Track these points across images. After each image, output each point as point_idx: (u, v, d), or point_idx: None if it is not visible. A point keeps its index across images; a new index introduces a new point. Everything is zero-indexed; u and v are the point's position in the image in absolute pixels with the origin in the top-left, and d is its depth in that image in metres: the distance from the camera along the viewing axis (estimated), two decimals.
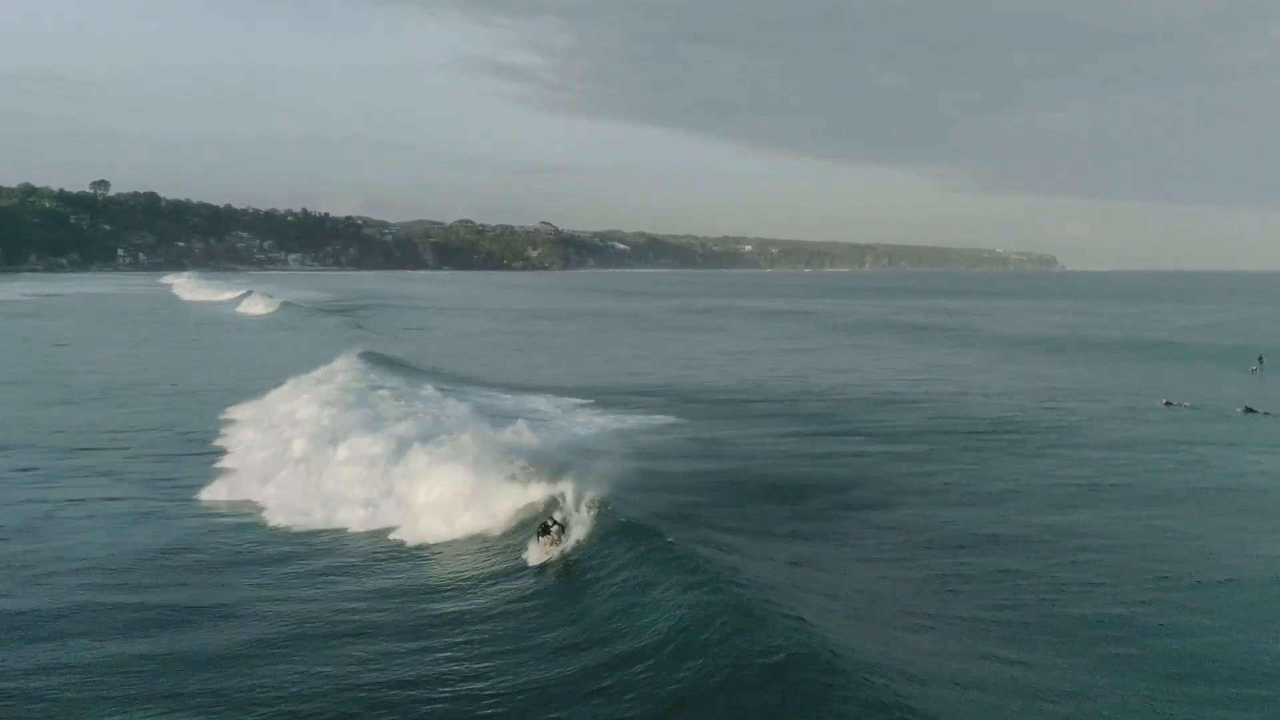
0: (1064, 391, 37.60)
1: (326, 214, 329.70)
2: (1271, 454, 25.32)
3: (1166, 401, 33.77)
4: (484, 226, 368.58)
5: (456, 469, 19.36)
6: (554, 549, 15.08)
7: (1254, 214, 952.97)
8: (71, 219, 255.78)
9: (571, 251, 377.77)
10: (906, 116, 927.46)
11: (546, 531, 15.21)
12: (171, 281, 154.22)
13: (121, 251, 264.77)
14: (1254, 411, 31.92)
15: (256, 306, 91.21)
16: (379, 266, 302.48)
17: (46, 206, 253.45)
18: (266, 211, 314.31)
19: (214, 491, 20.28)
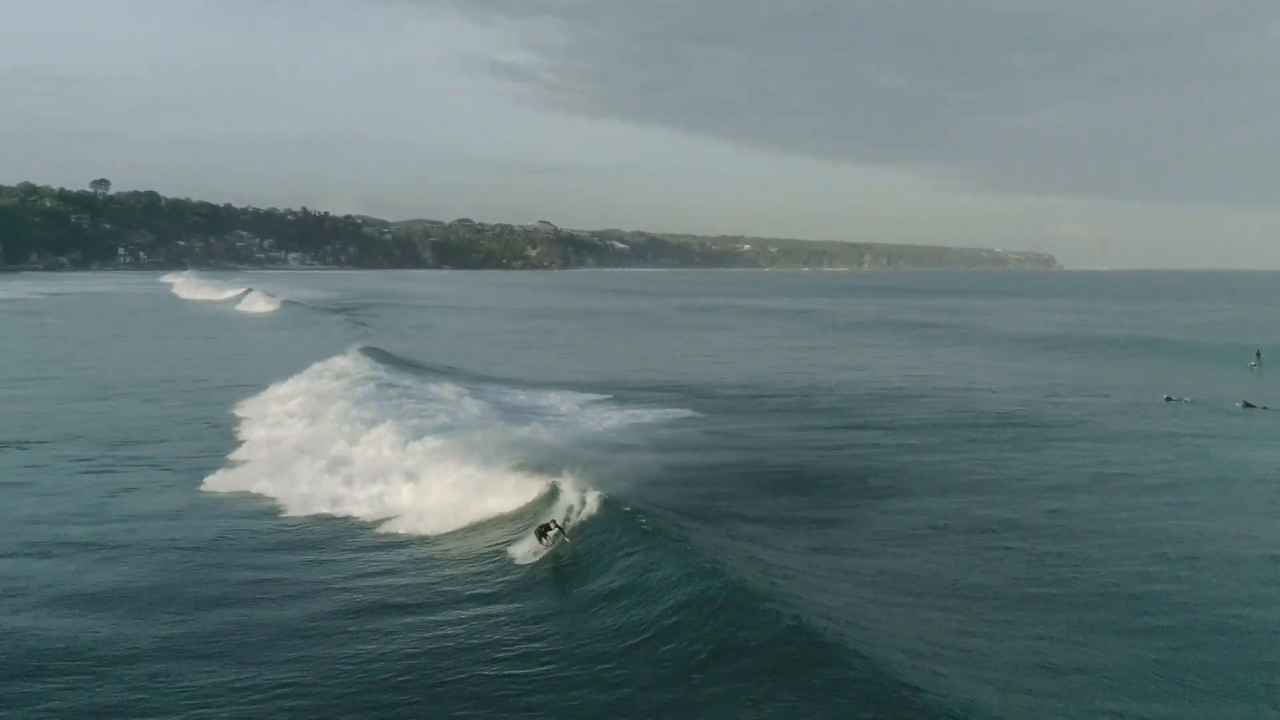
0: (1067, 387, 38.44)
1: (326, 213, 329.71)
2: (1270, 446, 26.19)
3: (1167, 397, 34.58)
4: (483, 226, 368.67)
5: (468, 462, 19.91)
6: (546, 549, 15.27)
7: (1253, 214, 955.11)
8: (72, 218, 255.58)
9: (571, 251, 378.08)
10: (906, 116, 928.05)
11: (546, 532, 15.46)
12: (171, 281, 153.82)
13: (122, 250, 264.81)
14: (1252, 406, 32.75)
15: (259, 305, 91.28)
16: (378, 266, 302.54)
17: (47, 206, 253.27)
18: (266, 211, 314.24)
19: (234, 482, 21.02)
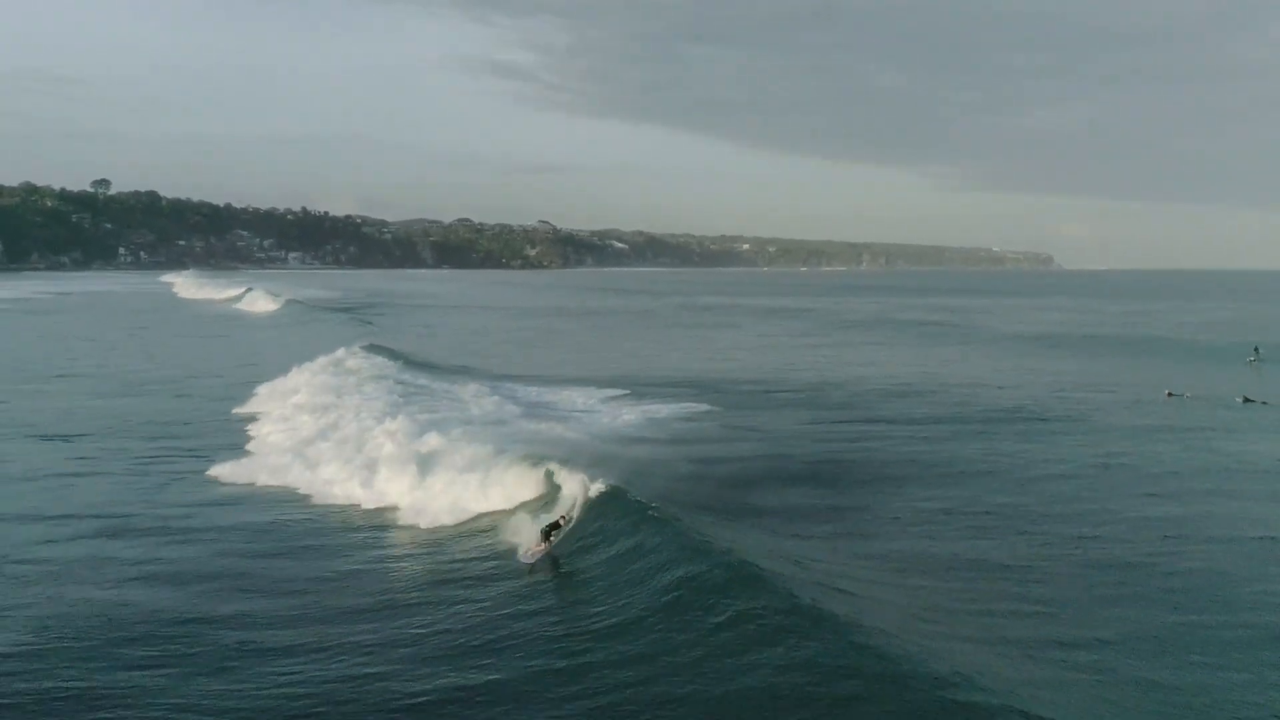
0: (1071, 383, 39.25)
1: (326, 213, 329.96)
2: (1270, 439, 27.03)
3: (1169, 392, 35.38)
4: (483, 225, 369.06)
5: (486, 456, 20.26)
6: (548, 546, 15.37)
7: (1253, 214, 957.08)
8: (73, 218, 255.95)
9: (570, 250, 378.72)
10: (906, 116, 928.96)
11: (557, 528, 15.57)
12: (172, 281, 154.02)
13: (123, 250, 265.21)
14: (1252, 401, 33.57)
15: (263, 305, 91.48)
16: (378, 265, 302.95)
17: (48, 205, 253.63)
18: (266, 210, 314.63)
19: (263, 473, 21.59)
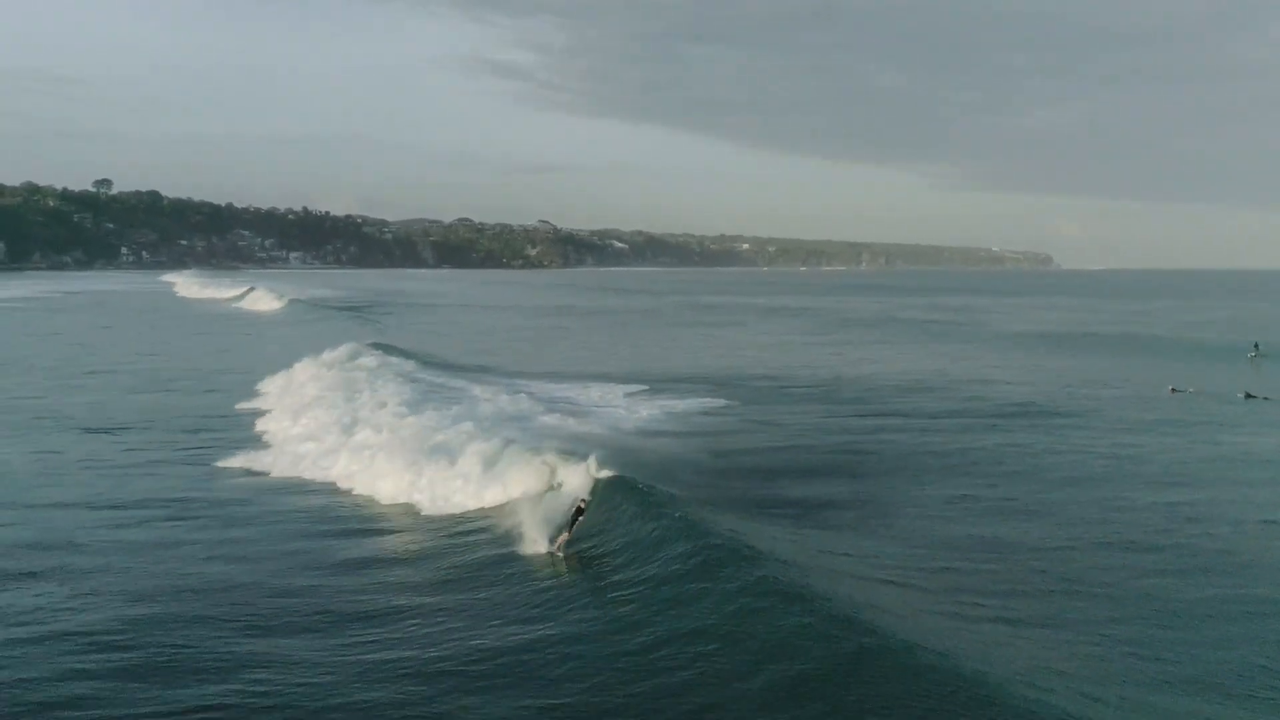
0: (1076, 380, 40.08)
1: (327, 213, 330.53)
2: (1274, 432, 27.92)
3: (1172, 388, 36.27)
4: (483, 225, 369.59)
5: (509, 448, 20.51)
6: (572, 531, 15.63)
7: (1252, 214, 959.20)
8: (75, 217, 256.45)
9: (570, 250, 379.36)
10: (906, 116, 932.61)
11: (579, 516, 15.83)
12: (173, 280, 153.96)
13: (125, 250, 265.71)
14: (1254, 397, 34.44)
15: (269, 304, 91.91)
16: (379, 265, 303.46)
17: (50, 205, 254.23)
18: (267, 210, 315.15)
19: (296, 466, 22.24)
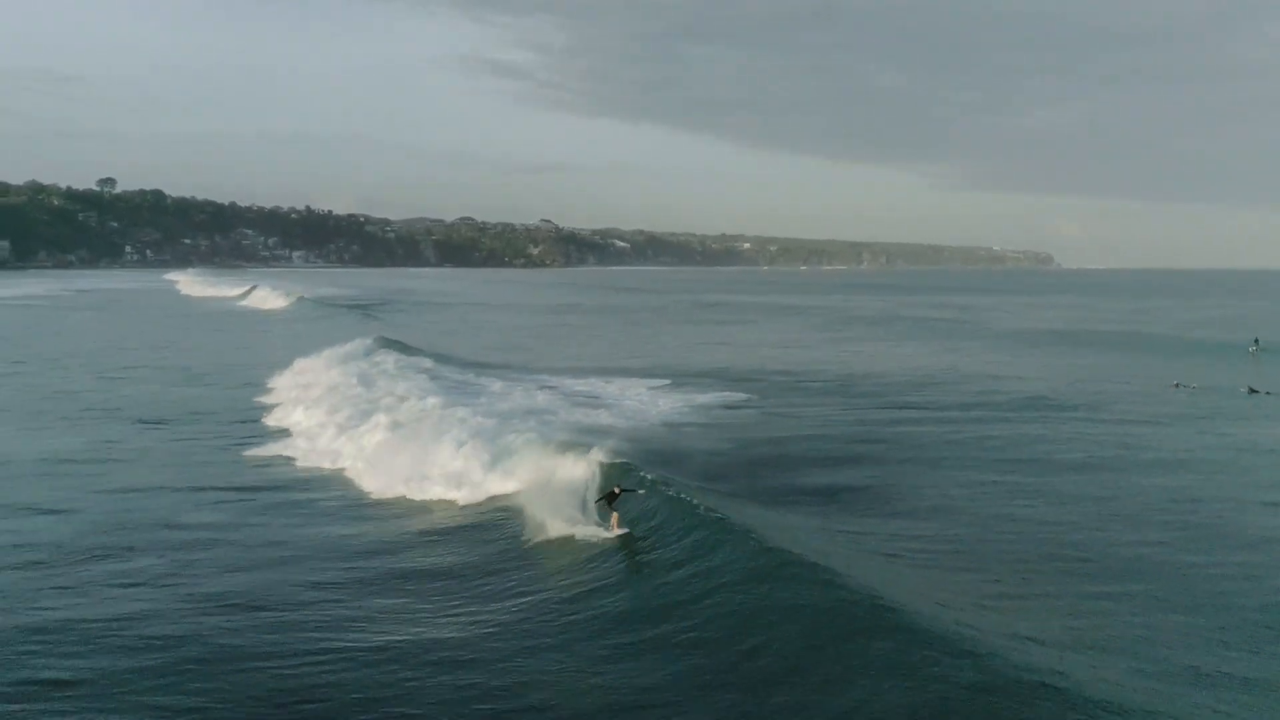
0: (1082, 376, 41.11)
1: (330, 211, 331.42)
2: (1275, 424, 29.01)
3: (1176, 384, 37.37)
4: (485, 224, 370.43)
5: (541, 440, 21.18)
6: (616, 529, 15.86)
7: (1252, 214, 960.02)
8: (79, 216, 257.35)
9: (572, 249, 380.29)
10: (906, 116, 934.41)
11: (614, 498, 16.08)
12: (175, 279, 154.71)
13: (129, 248, 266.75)
14: (1256, 392, 35.49)
15: (280, 302, 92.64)
16: (381, 264, 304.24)
17: (55, 204, 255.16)
18: (270, 209, 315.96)
19: (329, 459, 23.08)
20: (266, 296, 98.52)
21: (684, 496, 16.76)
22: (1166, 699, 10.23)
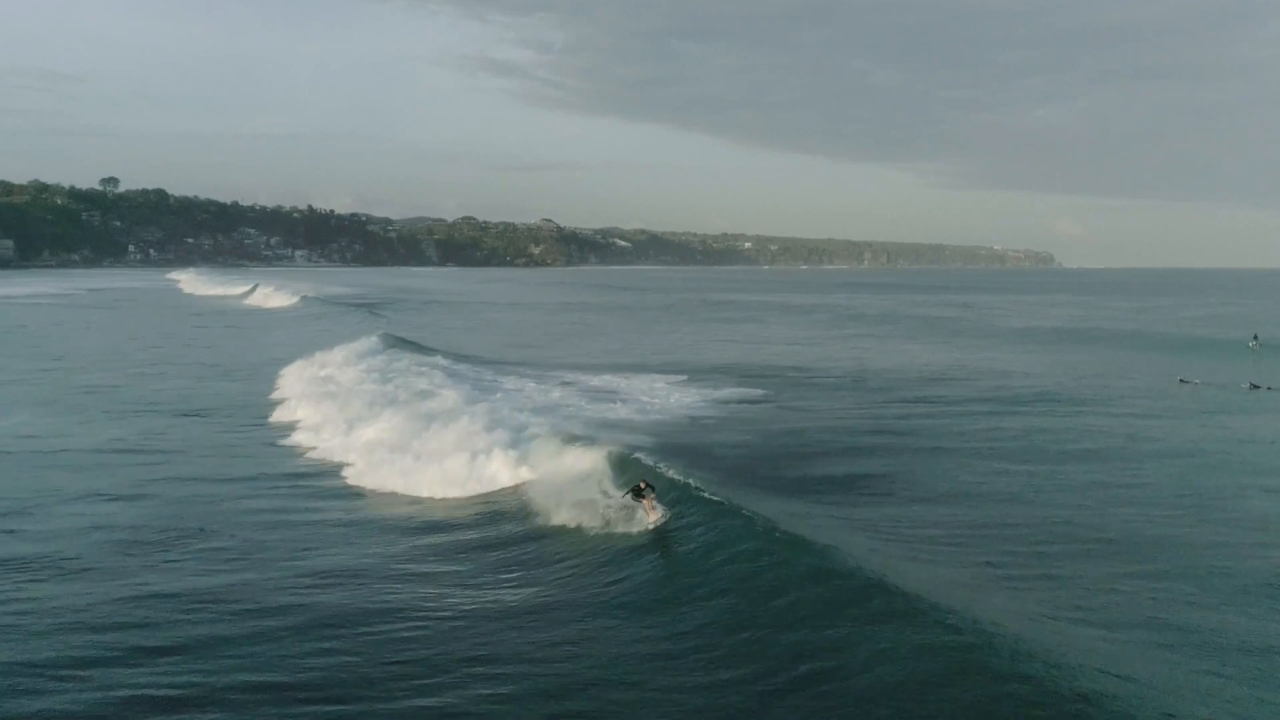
0: (1088, 372, 42.01)
1: (332, 211, 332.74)
2: (1277, 418, 30.00)
3: (1180, 379, 38.37)
4: (487, 223, 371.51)
5: (563, 435, 21.74)
6: (652, 514, 16.01)
7: (1255, 213, 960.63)
8: (83, 215, 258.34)
9: (574, 248, 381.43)
10: (905, 114, 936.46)
11: (640, 494, 16.23)
12: (177, 278, 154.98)
13: (132, 248, 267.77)
14: (1258, 387, 36.42)
15: (284, 300, 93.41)
16: (383, 263, 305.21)
17: (58, 203, 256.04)
18: (273, 209, 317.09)
19: (337, 448, 23.60)
20: (270, 295, 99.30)
21: (706, 492, 17.16)
22: (1173, 664, 11.09)
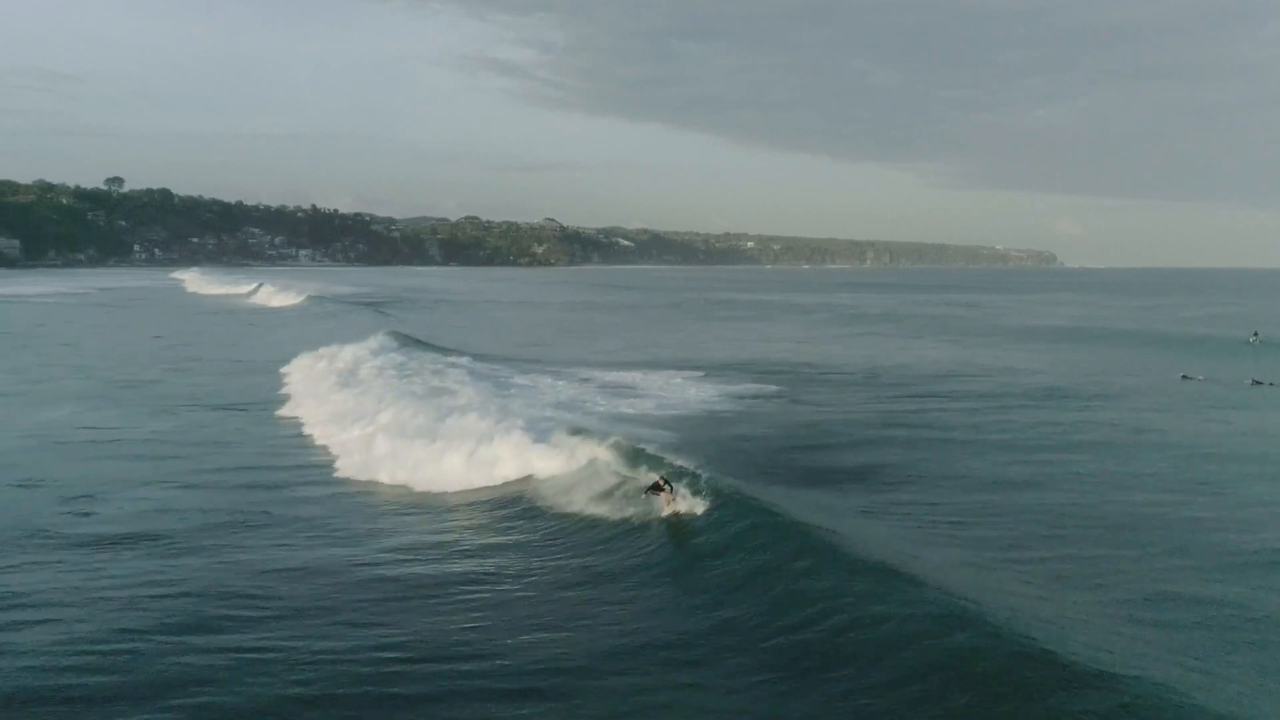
0: (1093, 369, 42.87)
1: (335, 210, 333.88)
2: (1279, 413, 30.93)
3: (1183, 375, 39.26)
4: (490, 223, 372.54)
5: (581, 430, 22.09)
6: (670, 506, 16.12)
7: (1257, 213, 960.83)
8: (89, 215, 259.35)
9: (577, 248, 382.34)
10: (902, 113, 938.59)
11: (659, 490, 16.30)
12: (182, 277, 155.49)
13: (137, 247, 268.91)
14: (1260, 384, 37.26)
15: (291, 299, 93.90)
16: (386, 262, 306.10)
17: (63, 203, 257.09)
18: (277, 208, 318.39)
19: (375, 448, 23.16)
20: (274, 294, 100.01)
21: (726, 483, 17.42)
22: (1177, 635, 11.94)
